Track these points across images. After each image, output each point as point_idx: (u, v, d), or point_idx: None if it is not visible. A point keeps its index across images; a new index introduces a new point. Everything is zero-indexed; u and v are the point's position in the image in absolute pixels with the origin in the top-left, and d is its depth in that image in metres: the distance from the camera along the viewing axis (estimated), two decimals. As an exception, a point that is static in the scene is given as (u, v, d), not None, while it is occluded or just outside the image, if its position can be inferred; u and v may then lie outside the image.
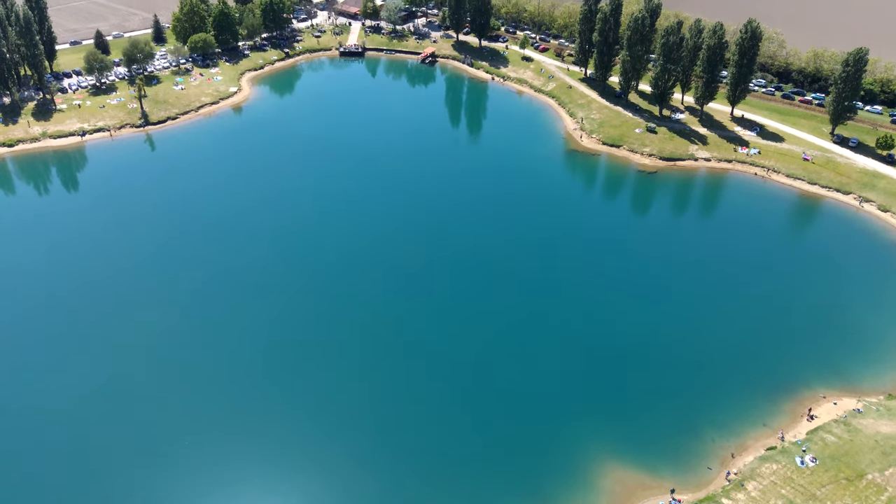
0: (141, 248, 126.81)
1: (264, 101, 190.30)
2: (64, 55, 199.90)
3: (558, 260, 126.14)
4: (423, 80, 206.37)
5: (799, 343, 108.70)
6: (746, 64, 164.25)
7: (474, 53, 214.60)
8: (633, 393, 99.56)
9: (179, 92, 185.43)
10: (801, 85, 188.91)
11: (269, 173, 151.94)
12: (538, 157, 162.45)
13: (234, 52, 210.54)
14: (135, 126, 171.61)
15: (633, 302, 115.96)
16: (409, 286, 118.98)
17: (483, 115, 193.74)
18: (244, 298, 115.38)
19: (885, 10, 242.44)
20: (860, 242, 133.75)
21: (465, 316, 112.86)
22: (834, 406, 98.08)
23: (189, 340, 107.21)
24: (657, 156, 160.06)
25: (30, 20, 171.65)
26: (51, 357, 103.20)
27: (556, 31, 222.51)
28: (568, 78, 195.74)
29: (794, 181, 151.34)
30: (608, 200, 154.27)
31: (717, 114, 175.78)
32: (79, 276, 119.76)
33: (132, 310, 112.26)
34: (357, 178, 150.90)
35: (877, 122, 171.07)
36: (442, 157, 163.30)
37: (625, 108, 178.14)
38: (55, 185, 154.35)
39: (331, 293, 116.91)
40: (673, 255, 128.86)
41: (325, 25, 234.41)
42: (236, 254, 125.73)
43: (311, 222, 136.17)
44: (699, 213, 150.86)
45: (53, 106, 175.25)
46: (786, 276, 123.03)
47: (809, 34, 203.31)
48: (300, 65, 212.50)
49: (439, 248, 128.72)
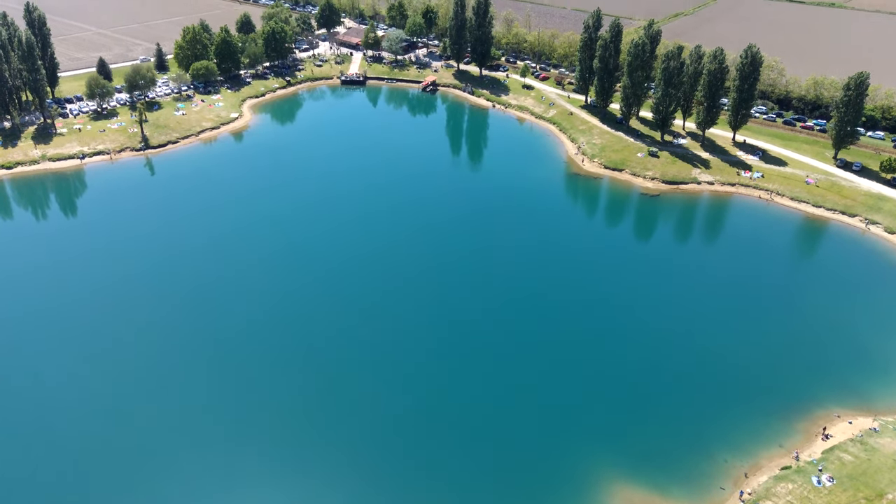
0: (138, 269, 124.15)
1: (265, 126, 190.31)
2: (66, 82, 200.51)
3: (566, 280, 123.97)
4: (424, 108, 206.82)
5: (811, 363, 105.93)
6: (747, 89, 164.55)
7: (475, 82, 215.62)
8: (644, 413, 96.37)
9: (180, 117, 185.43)
10: (802, 112, 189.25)
11: (270, 197, 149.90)
12: (540, 181, 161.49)
13: (236, 79, 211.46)
14: (134, 149, 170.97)
15: (642, 322, 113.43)
16: (412, 311, 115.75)
17: (484, 140, 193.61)
18: (244, 319, 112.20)
19: (882, 40, 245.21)
20: (868, 264, 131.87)
21: (470, 335, 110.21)
22: (849, 425, 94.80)
23: (188, 359, 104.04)
24: (660, 179, 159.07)
25: (32, 45, 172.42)
26: (46, 380, 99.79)
27: (557, 60, 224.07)
28: (569, 105, 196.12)
29: (799, 204, 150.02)
30: (612, 222, 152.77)
31: (719, 139, 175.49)
32: (75, 297, 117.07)
33: (130, 329, 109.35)
34: (358, 201, 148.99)
35: (879, 147, 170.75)
36: (444, 182, 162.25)
37: (626, 134, 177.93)
38: (52, 207, 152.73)
39: (330, 316, 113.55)
40: (680, 276, 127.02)
41: (327, 55, 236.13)
42: (236, 276, 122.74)
43: (311, 245, 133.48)
44: (705, 235, 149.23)
45: (54, 130, 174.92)
46: (795, 297, 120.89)
47: (808, 63, 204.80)
48: (301, 93, 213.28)
49: (443, 271, 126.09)
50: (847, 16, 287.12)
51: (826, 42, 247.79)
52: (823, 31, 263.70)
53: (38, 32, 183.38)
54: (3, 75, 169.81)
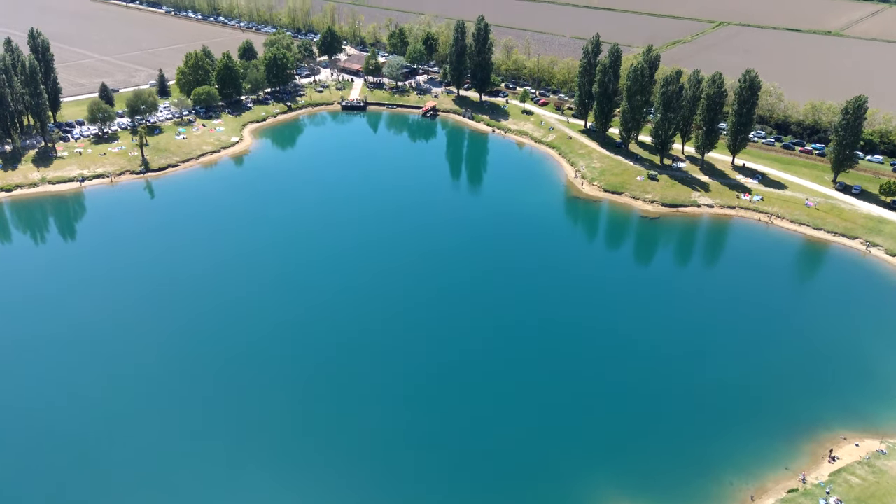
0: (136, 293, 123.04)
1: (266, 151, 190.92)
2: (68, 107, 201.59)
3: (568, 303, 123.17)
4: (425, 132, 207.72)
5: (815, 385, 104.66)
6: (746, 113, 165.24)
7: (475, 107, 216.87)
8: (647, 435, 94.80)
9: (181, 141, 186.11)
10: (801, 136, 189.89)
11: (269, 221, 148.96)
12: (540, 204, 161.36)
13: (237, 104, 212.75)
14: (135, 172, 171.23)
15: (644, 344, 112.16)
16: (413, 335, 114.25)
17: (484, 164, 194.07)
18: (243, 346, 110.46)
19: (879, 67, 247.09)
20: (870, 286, 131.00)
21: (471, 356, 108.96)
22: (856, 447, 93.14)
23: (186, 385, 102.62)
24: (659, 202, 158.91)
25: (35, 69, 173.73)
26: (40, 403, 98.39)
27: (556, 86, 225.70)
28: (568, 130, 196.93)
29: (799, 226, 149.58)
30: (613, 245, 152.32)
31: (718, 163, 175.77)
32: (72, 321, 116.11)
33: (130, 353, 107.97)
34: (359, 226, 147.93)
35: (878, 170, 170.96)
36: (444, 205, 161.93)
37: (625, 158, 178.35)
38: (51, 230, 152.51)
39: (330, 344, 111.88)
40: (682, 298, 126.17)
41: (328, 81, 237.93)
42: (235, 302, 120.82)
43: (310, 271, 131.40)
44: (706, 257, 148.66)
45: (54, 153, 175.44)
46: (798, 320, 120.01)
47: (806, 89, 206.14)
48: (302, 118, 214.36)
49: (444, 294, 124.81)
50: (844, 43, 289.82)
51: (823, 69, 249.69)
52: (821, 59, 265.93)
53: (41, 57, 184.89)
54: (6, 99, 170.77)
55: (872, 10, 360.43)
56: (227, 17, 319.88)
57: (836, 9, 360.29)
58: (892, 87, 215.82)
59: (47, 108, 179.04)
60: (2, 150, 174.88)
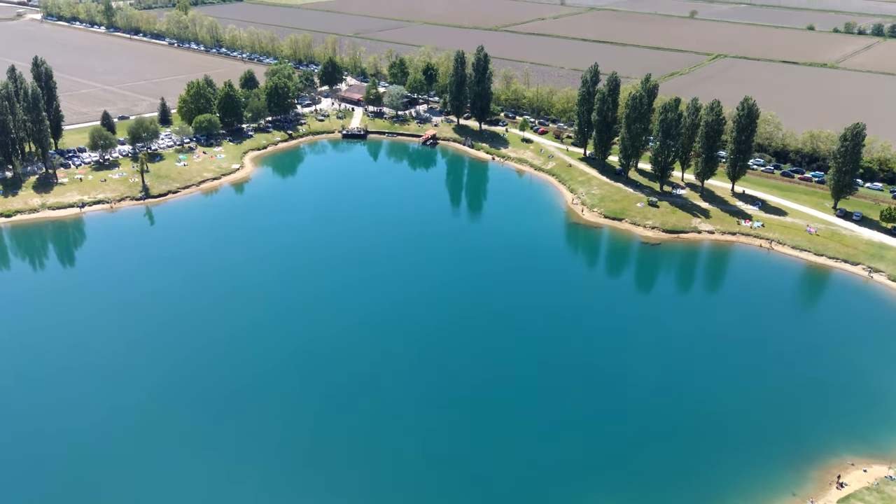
0: (134, 320, 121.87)
1: (266, 178, 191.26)
2: (70, 134, 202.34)
3: (571, 328, 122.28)
4: (425, 160, 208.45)
5: (822, 411, 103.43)
6: (745, 140, 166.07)
7: (475, 136, 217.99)
8: (653, 462, 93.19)
9: (181, 168, 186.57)
10: (800, 164, 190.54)
11: (268, 250, 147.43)
12: (540, 230, 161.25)
13: (238, 132, 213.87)
14: (135, 199, 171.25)
15: (648, 371, 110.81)
16: (413, 368, 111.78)
17: (484, 191, 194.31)
18: (245, 374, 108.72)
19: (875, 98, 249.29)
20: (874, 312, 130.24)
21: (473, 387, 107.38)
22: (864, 473, 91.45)
23: (186, 416, 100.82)
24: (660, 228, 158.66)
25: (38, 96, 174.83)
26: (40, 431, 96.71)
27: (555, 115, 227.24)
28: (568, 157, 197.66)
29: (801, 252, 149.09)
30: (615, 270, 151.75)
31: (718, 190, 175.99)
32: (67, 346, 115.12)
33: (125, 383, 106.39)
34: (359, 254, 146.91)
35: (878, 197, 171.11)
36: (444, 231, 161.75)
37: (625, 185, 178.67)
38: (50, 255, 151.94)
39: (330, 379, 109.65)
40: (685, 325, 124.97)
41: (328, 110, 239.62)
42: (233, 327, 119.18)
43: (311, 296, 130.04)
44: (708, 283, 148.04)
45: (55, 180, 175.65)
46: (802, 346, 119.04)
47: (803, 119, 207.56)
48: (303, 146, 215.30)
49: (443, 324, 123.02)
50: (840, 75, 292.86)
51: (820, 99, 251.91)
52: (817, 90, 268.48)
53: (44, 85, 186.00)
54: (7, 126, 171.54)
55: (866, 43, 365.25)
56: (230, 49, 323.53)
57: (831, 42, 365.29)
58: (888, 117, 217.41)
59: (49, 135, 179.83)
60: (2, 177, 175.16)
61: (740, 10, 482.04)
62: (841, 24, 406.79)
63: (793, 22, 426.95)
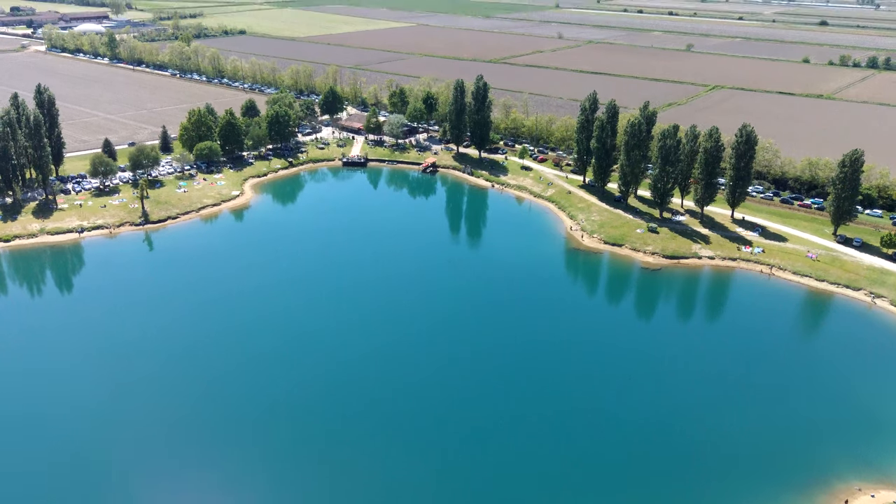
0: (129, 347, 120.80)
1: (266, 205, 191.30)
2: (71, 161, 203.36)
3: (574, 354, 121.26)
4: (425, 187, 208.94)
5: (828, 437, 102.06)
6: (744, 167, 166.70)
7: (474, 164, 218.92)
8: (659, 489, 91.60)
9: (181, 194, 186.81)
10: (798, 191, 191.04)
11: (266, 279, 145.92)
12: (540, 256, 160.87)
13: (239, 160, 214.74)
14: (134, 224, 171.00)
15: (651, 398, 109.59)
16: (413, 391, 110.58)
17: (484, 218, 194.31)
18: (241, 405, 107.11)
19: (872, 127, 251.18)
20: (878, 337, 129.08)
21: (473, 418, 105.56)
22: (872, 499, 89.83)
23: (185, 445, 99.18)
24: (660, 254, 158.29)
25: (40, 123, 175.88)
26: (36, 462, 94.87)
27: (554, 143, 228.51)
28: (567, 185, 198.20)
29: (802, 278, 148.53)
30: (616, 295, 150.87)
31: (718, 216, 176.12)
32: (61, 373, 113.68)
33: (123, 411, 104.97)
34: (359, 278, 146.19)
35: (877, 224, 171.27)
36: (444, 258, 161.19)
37: (625, 211, 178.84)
38: (47, 280, 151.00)
39: (329, 401, 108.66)
40: (687, 351, 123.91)
41: (329, 139, 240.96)
42: (231, 357, 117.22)
43: (311, 325, 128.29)
44: (709, 308, 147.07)
45: (55, 205, 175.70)
46: (807, 371, 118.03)
47: (801, 147, 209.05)
48: (303, 173, 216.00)
49: (445, 350, 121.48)
50: (836, 106, 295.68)
51: (817, 129, 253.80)
52: (814, 120, 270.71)
53: (46, 112, 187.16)
54: (9, 152, 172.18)
55: (861, 75, 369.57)
56: (232, 79, 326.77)
57: (826, 74, 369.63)
58: (885, 146, 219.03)
59: (50, 162, 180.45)
60: (2, 202, 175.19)
61: (736, 44, 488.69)
62: (836, 57, 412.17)
63: (788, 55, 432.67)
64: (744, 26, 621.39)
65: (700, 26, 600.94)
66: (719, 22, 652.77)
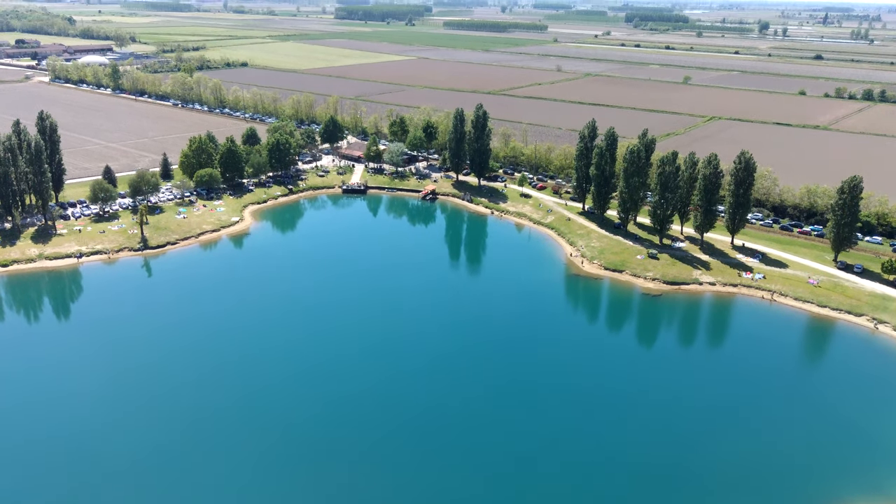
0: (127, 373, 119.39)
1: (265, 231, 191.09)
2: (71, 188, 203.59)
3: (576, 380, 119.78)
4: (424, 214, 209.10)
5: (829, 464, 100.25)
6: (743, 193, 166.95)
7: (474, 191, 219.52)
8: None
9: (181, 220, 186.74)
10: (798, 219, 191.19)
11: (267, 301, 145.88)
12: (540, 282, 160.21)
13: (239, 187, 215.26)
14: (133, 249, 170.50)
15: (656, 422, 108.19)
16: (414, 427, 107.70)
17: (483, 244, 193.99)
18: (237, 432, 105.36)
19: (869, 157, 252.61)
20: (882, 363, 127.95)
21: (470, 450, 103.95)
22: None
23: (178, 470, 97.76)
24: (661, 280, 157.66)
25: (41, 149, 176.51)
26: (35, 486, 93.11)
27: (553, 171, 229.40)
28: (566, 212, 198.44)
29: (804, 304, 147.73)
30: (617, 321, 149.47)
31: (718, 243, 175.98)
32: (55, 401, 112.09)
33: (119, 442, 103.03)
34: (359, 305, 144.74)
35: (878, 251, 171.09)
36: (444, 283, 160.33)
37: (624, 238, 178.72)
38: (45, 305, 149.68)
39: (325, 435, 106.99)
40: (689, 376, 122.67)
41: (329, 167, 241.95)
42: (228, 388, 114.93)
43: (308, 353, 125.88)
44: (711, 334, 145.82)
45: (54, 231, 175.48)
46: (809, 398, 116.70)
47: (799, 176, 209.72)
48: (303, 200, 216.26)
49: (446, 379, 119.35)
50: (833, 137, 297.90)
51: (815, 158, 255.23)
52: (811, 150, 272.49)
53: (47, 139, 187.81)
54: (9, 177, 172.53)
55: (857, 107, 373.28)
56: (233, 109, 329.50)
57: (823, 106, 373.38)
58: (883, 175, 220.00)
59: (50, 188, 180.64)
60: (1, 228, 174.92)
61: (732, 77, 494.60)
62: (831, 90, 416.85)
63: (784, 88, 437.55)
64: (740, 60, 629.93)
65: (696, 60, 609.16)
66: (715, 56, 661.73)
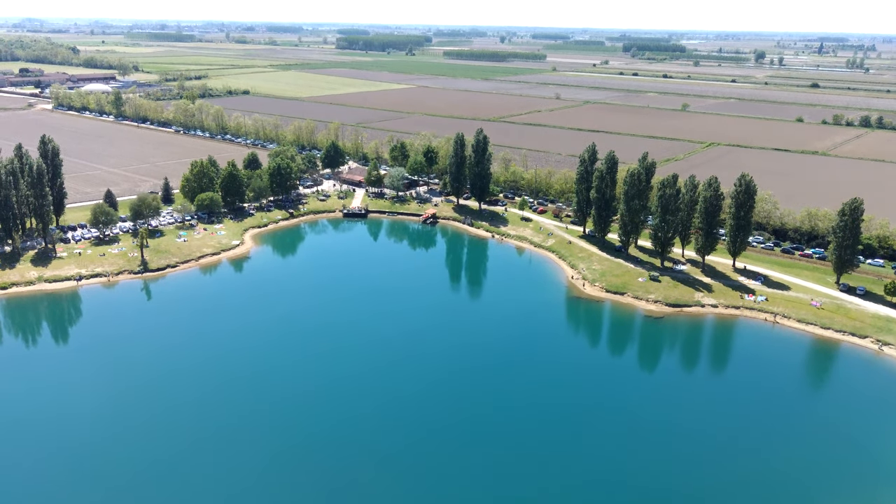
0: (126, 395, 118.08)
1: (265, 255, 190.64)
2: (72, 212, 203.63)
3: (578, 402, 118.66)
4: (425, 238, 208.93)
5: (834, 486, 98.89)
6: (744, 216, 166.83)
7: (474, 215, 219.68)
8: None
9: (181, 243, 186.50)
10: (799, 242, 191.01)
11: (266, 323, 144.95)
12: (542, 304, 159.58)
13: (240, 211, 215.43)
14: (133, 272, 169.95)
15: (657, 447, 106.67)
16: (412, 451, 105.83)
17: (485, 268, 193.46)
18: (236, 454, 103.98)
19: (869, 181, 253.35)
20: (885, 385, 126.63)
21: (471, 472, 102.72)
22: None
23: (178, 492, 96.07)
24: (663, 302, 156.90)
25: (42, 172, 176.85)
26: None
27: (554, 195, 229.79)
28: (567, 235, 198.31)
29: (807, 326, 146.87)
30: (619, 345, 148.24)
31: (719, 265, 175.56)
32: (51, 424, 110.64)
33: (116, 466, 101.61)
34: (360, 329, 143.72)
35: (880, 273, 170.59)
36: (446, 308, 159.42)
37: (626, 260, 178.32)
38: (43, 328, 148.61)
39: (327, 453, 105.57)
40: (692, 400, 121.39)
41: (330, 191, 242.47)
42: (225, 411, 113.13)
43: (308, 377, 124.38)
44: (713, 357, 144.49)
45: (54, 254, 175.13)
46: (814, 420, 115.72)
47: (799, 200, 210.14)
48: (303, 224, 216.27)
49: (448, 403, 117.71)
50: (832, 162, 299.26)
51: (814, 183, 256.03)
52: (810, 174, 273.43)
53: (49, 162, 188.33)
54: (10, 201, 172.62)
55: (855, 133, 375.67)
56: (235, 135, 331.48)
57: (821, 133, 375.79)
58: (883, 199, 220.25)
59: (51, 211, 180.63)
60: (1, 251, 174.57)
61: (730, 104, 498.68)
62: (829, 117, 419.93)
63: (782, 115, 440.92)
64: (737, 88, 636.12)
65: (694, 88, 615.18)
66: (713, 84, 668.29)
